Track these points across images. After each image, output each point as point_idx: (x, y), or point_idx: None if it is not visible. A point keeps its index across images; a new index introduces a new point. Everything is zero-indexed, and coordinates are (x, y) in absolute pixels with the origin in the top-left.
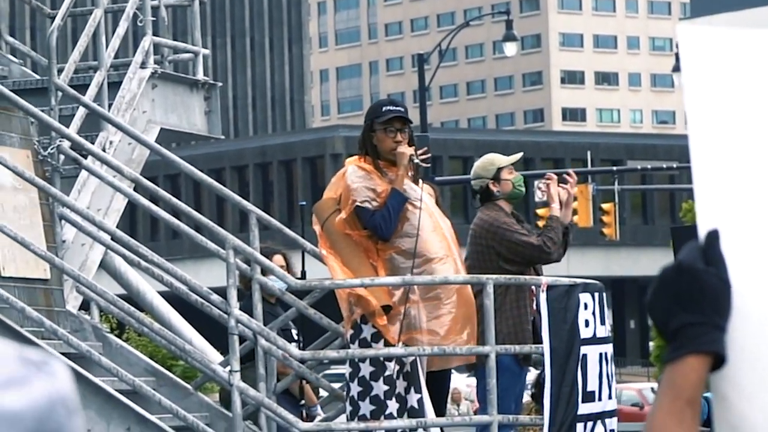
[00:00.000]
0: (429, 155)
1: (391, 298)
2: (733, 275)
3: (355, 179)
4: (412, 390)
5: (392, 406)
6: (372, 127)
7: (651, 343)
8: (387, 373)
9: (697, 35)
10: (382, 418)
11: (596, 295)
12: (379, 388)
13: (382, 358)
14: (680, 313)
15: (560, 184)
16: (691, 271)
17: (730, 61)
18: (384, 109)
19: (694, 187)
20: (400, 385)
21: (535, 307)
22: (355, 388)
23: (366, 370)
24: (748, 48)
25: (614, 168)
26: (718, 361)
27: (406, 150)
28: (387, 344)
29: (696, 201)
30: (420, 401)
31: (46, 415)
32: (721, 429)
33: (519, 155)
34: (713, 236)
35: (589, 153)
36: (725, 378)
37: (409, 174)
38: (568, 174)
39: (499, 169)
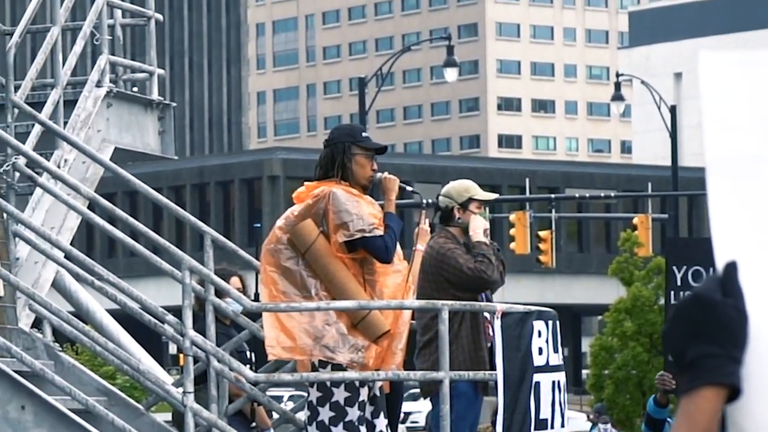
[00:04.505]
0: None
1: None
2: (750, 307)
3: (349, 204)
4: (381, 415)
5: (363, 431)
6: (351, 150)
7: (584, 371)
8: (360, 398)
9: (718, 64)
10: None
11: (550, 323)
12: (354, 413)
13: (357, 383)
14: (697, 344)
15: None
16: (709, 302)
17: (750, 91)
18: (363, 135)
19: (711, 218)
20: (368, 410)
21: (491, 333)
22: (326, 413)
23: (340, 395)
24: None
25: (552, 196)
26: (734, 393)
27: (395, 177)
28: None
29: (713, 232)
30: (387, 426)
31: None
32: None
33: (494, 196)
34: (732, 268)
35: (527, 180)
36: (741, 410)
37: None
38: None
39: (471, 200)
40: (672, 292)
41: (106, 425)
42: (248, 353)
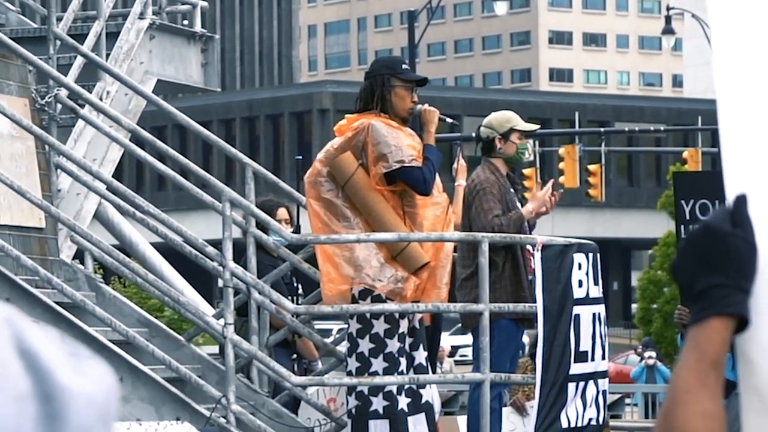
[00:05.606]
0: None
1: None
2: (759, 239)
3: (388, 136)
4: (421, 347)
5: (403, 363)
6: (390, 82)
7: (634, 305)
8: (400, 330)
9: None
10: (396, 375)
11: (590, 255)
12: (394, 345)
13: (397, 315)
14: (705, 274)
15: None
16: (718, 233)
17: (760, 22)
18: (403, 67)
19: (722, 150)
20: (407, 342)
21: (532, 266)
22: (365, 345)
23: (380, 327)
24: None
25: (601, 129)
26: (743, 323)
27: (434, 109)
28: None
29: (723, 164)
30: (427, 359)
31: (110, 399)
32: (746, 391)
33: (536, 127)
34: (741, 199)
35: (576, 114)
36: (750, 340)
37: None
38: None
39: (512, 130)
40: (682, 227)
41: (146, 356)
42: (296, 284)
